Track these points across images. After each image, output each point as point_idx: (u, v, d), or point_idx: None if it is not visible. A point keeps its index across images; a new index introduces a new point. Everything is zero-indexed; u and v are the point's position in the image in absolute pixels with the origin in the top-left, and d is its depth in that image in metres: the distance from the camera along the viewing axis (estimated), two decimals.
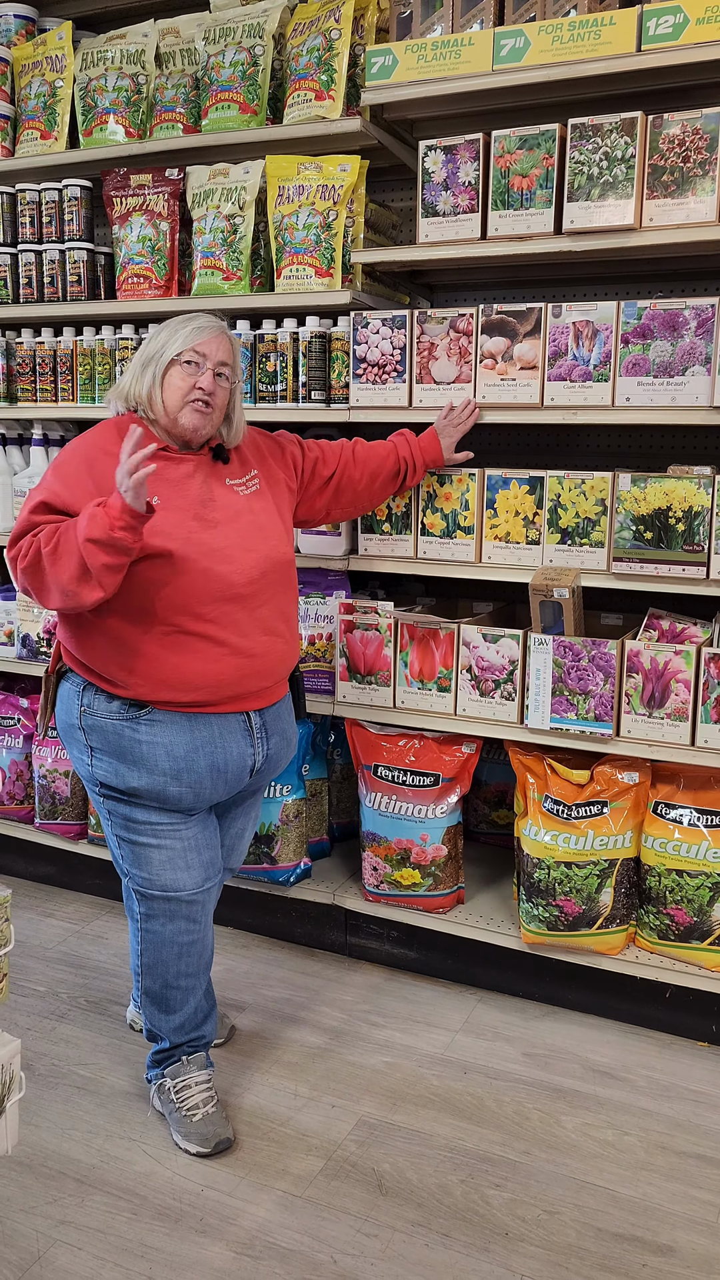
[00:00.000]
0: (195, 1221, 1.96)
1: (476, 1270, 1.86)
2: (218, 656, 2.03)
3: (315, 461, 2.39)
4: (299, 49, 2.71)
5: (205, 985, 2.24)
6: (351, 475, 2.44)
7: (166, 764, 2.04)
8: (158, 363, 2.08)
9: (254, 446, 2.28)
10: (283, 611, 2.17)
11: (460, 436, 2.53)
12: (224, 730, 2.09)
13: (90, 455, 2.05)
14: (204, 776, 2.07)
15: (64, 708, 2.15)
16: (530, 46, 2.37)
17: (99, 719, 2.07)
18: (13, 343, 3.21)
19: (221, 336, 2.11)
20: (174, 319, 2.14)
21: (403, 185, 3.05)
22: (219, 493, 2.11)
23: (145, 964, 2.19)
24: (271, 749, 2.19)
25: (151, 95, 3.00)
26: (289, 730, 2.26)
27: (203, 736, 2.06)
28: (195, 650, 2.02)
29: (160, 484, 2.03)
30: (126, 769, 2.06)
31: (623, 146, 2.29)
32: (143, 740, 2.04)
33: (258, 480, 2.21)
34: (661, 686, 2.38)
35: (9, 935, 1.54)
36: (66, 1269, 1.85)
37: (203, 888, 2.15)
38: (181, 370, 2.07)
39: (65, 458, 2.08)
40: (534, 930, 2.54)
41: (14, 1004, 2.67)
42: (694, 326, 2.28)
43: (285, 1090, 2.34)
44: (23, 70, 3.19)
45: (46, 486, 2.03)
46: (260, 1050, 2.49)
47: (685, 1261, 1.88)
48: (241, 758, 2.12)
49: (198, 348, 2.07)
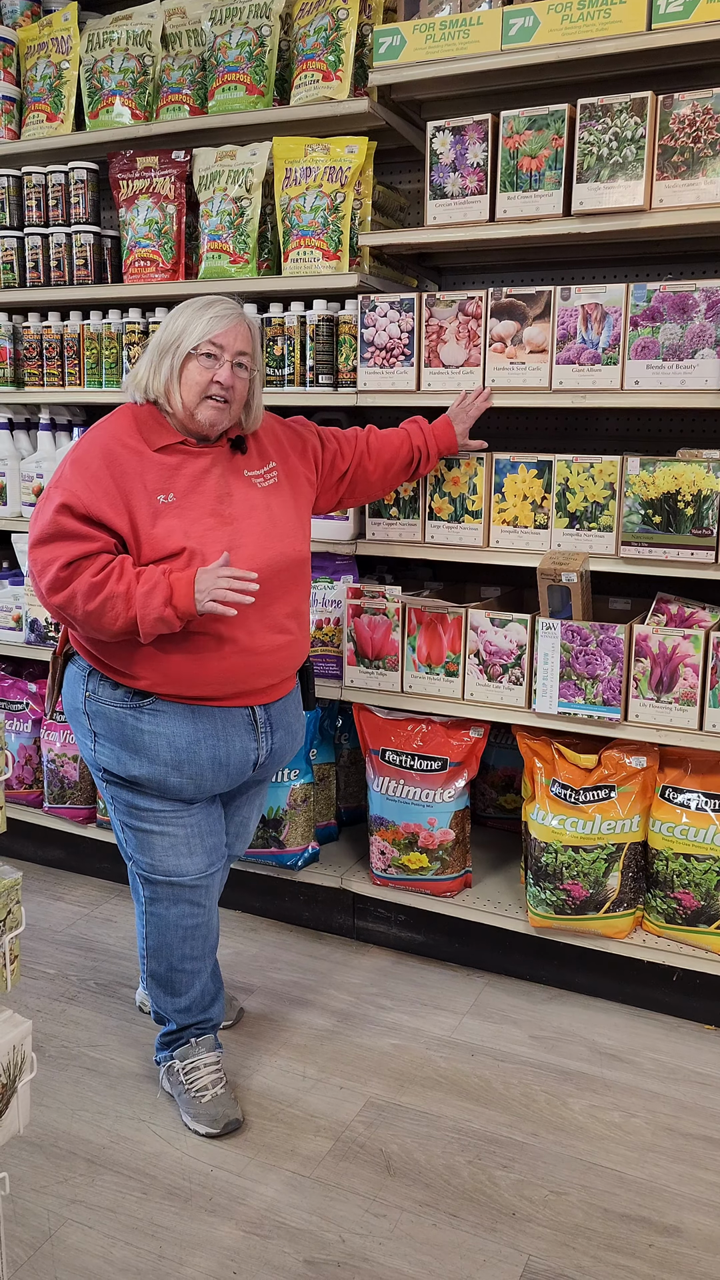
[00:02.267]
0: (205, 1201, 1.98)
1: (483, 1250, 1.87)
2: (225, 654, 2.02)
3: (334, 455, 2.36)
4: (306, 29, 2.69)
5: (211, 968, 2.25)
6: (366, 468, 2.40)
7: (168, 754, 2.04)
8: (174, 355, 2.02)
9: (273, 437, 2.23)
10: (295, 609, 2.15)
11: (473, 423, 2.52)
12: (227, 723, 2.07)
13: (109, 451, 1.99)
14: (205, 768, 2.06)
15: (70, 691, 2.15)
16: (539, 26, 2.34)
17: (103, 705, 2.07)
18: (19, 327, 3.20)
19: (240, 324, 2.05)
20: (190, 302, 2.07)
21: (411, 167, 3.03)
22: (236, 486, 2.07)
23: (150, 947, 2.20)
24: (276, 743, 2.18)
25: (158, 77, 2.98)
26: (295, 724, 2.25)
27: (205, 729, 2.05)
28: (202, 647, 2.00)
29: (178, 478, 2.01)
30: (129, 757, 2.06)
31: (633, 127, 2.27)
32: (145, 730, 2.04)
33: (276, 473, 2.16)
34: (670, 671, 2.37)
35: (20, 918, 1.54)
36: (77, 1247, 1.86)
37: (206, 873, 2.15)
38: (199, 364, 2.01)
39: (83, 451, 2.01)
40: (541, 914, 2.55)
41: (25, 986, 2.69)
42: (704, 309, 2.26)
43: (294, 1072, 2.36)
44: (29, 52, 3.17)
45: (67, 486, 1.96)
46: (269, 1032, 2.50)
47: (691, 1242, 1.89)
48: (244, 752, 2.11)
49: (216, 339, 2.01)
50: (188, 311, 2.05)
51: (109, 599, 1.89)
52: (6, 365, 3.21)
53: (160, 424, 2.06)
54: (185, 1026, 2.24)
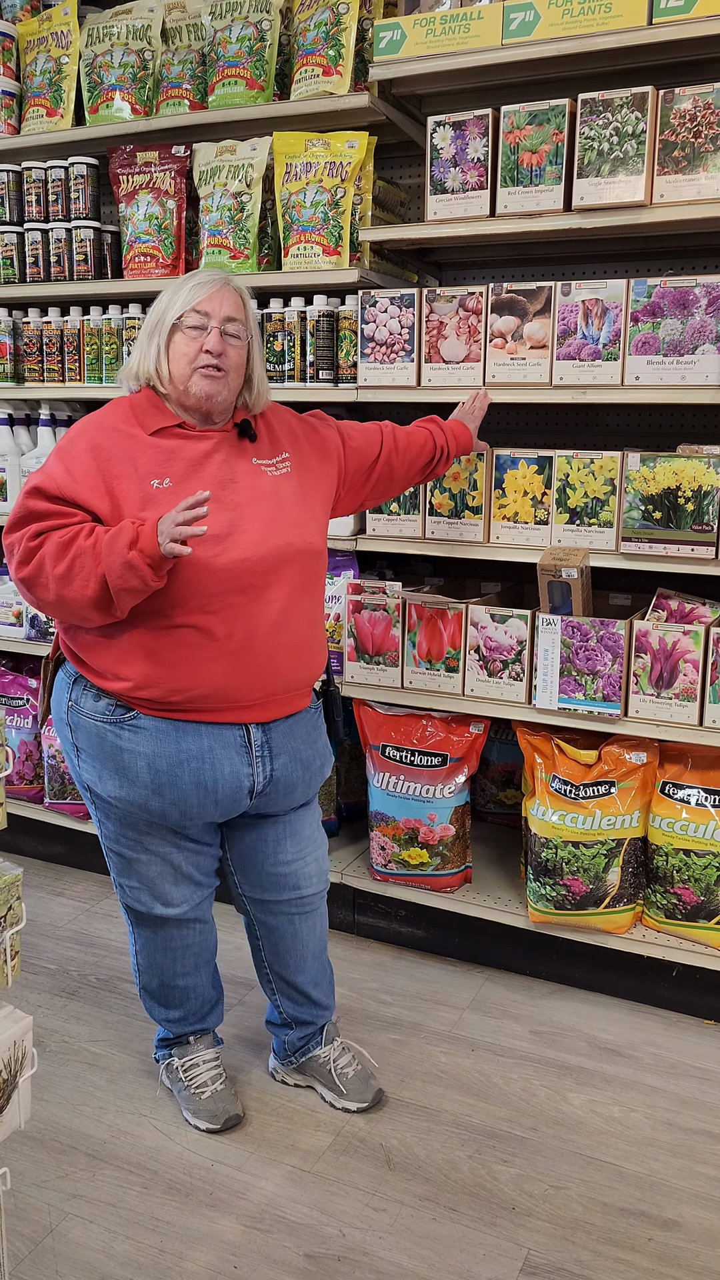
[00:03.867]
0: (205, 1195, 1.98)
1: (483, 1244, 1.88)
2: (215, 653, 1.84)
3: (357, 452, 2.19)
4: (306, 23, 2.68)
5: (209, 977, 2.19)
6: (392, 465, 2.26)
7: (147, 776, 1.88)
8: (160, 331, 1.91)
9: (288, 429, 2.08)
10: (303, 609, 1.94)
11: (479, 423, 2.49)
12: (215, 744, 1.89)
13: (94, 435, 1.87)
14: (188, 793, 1.89)
15: (57, 698, 2.01)
16: (540, 20, 2.34)
17: (84, 718, 1.93)
18: (19, 322, 3.20)
19: (225, 289, 1.92)
20: (173, 280, 1.98)
21: (411, 162, 3.02)
22: (242, 473, 1.91)
23: (141, 964, 2.14)
24: (277, 770, 1.96)
25: (158, 71, 2.98)
26: (305, 751, 2.01)
27: (190, 750, 1.88)
28: (189, 644, 1.83)
29: (175, 462, 1.86)
30: (109, 776, 1.92)
31: (633, 122, 2.26)
32: (125, 748, 1.88)
33: (289, 463, 2.00)
34: (670, 666, 2.37)
35: (20, 914, 1.55)
36: (78, 1241, 1.87)
37: (192, 907, 2.07)
38: (185, 334, 1.89)
39: (69, 439, 1.90)
40: (541, 909, 2.55)
41: (25, 981, 2.69)
42: (704, 304, 2.26)
43: None
44: (28, 46, 3.16)
45: (46, 470, 1.85)
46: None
47: (690, 1236, 1.90)
48: (235, 777, 1.91)
49: (199, 306, 1.88)
50: (171, 287, 1.95)
51: (77, 556, 1.74)
52: (6, 361, 3.21)
53: (157, 407, 1.93)
54: (181, 1034, 2.22)
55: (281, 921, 2.15)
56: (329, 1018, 2.27)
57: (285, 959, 2.17)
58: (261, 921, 2.16)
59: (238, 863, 2.13)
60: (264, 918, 2.15)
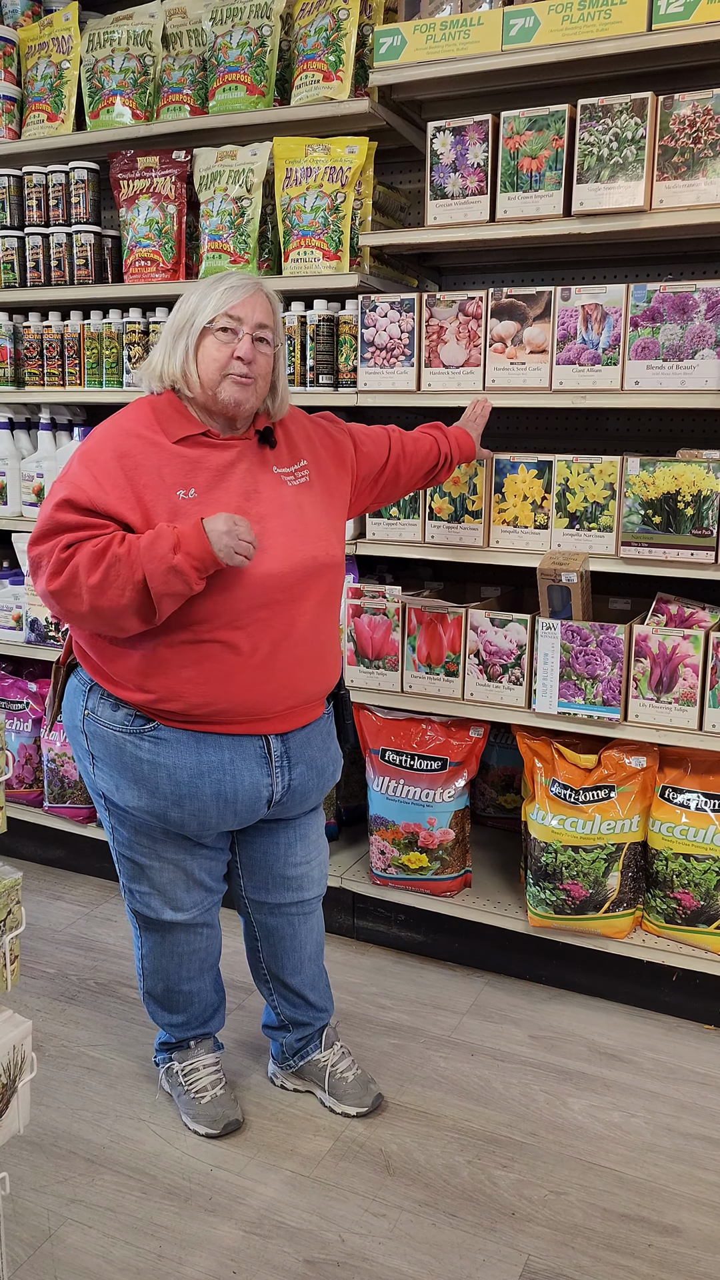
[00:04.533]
0: (204, 1201, 1.98)
1: (483, 1249, 1.87)
2: (240, 668, 1.83)
3: (367, 457, 2.17)
4: (307, 29, 2.69)
5: (213, 981, 2.19)
6: (399, 470, 2.24)
7: (168, 788, 1.88)
8: (189, 333, 1.85)
9: (304, 434, 2.04)
10: (324, 623, 1.95)
11: (481, 430, 2.48)
12: (236, 755, 1.89)
13: (121, 443, 1.83)
14: (208, 804, 1.89)
15: (70, 705, 1.99)
16: (540, 26, 2.35)
17: (101, 728, 1.91)
18: (20, 326, 3.21)
19: (258, 295, 1.87)
20: (203, 280, 1.91)
21: (411, 167, 3.03)
22: (265, 483, 1.89)
23: (146, 969, 2.14)
24: (295, 779, 1.97)
25: (158, 77, 2.98)
26: (320, 759, 2.02)
27: (211, 761, 1.87)
28: (214, 659, 1.82)
29: (200, 472, 1.83)
30: (127, 785, 1.91)
31: (633, 127, 2.27)
32: (145, 759, 1.88)
33: (308, 472, 1.97)
34: (669, 671, 2.38)
35: (20, 918, 1.55)
36: (77, 1247, 1.86)
37: (202, 912, 2.07)
38: (216, 339, 1.83)
39: (93, 446, 1.84)
40: (541, 914, 2.55)
41: (25, 986, 2.69)
42: (704, 309, 2.26)
43: None
44: (29, 52, 3.17)
45: (72, 480, 1.80)
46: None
47: (690, 1242, 1.89)
48: (255, 788, 1.91)
49: (232, 311, 1.83)
50: (200, 287, 1.88)
51: (112, 564, 1.70)
52: (7, 365, 3.21)
53: (181, 413, 1.88)
54: (183, 1039, 2.22)
55: (282, 923, 2.15)
56: (326, 1020, 2.27)
57: (283, 960, 2.18)
58: (262, 923, 2.16)
59: (246, 865, 2.13)
60: (265, 919, 2.15)
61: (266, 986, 2.22)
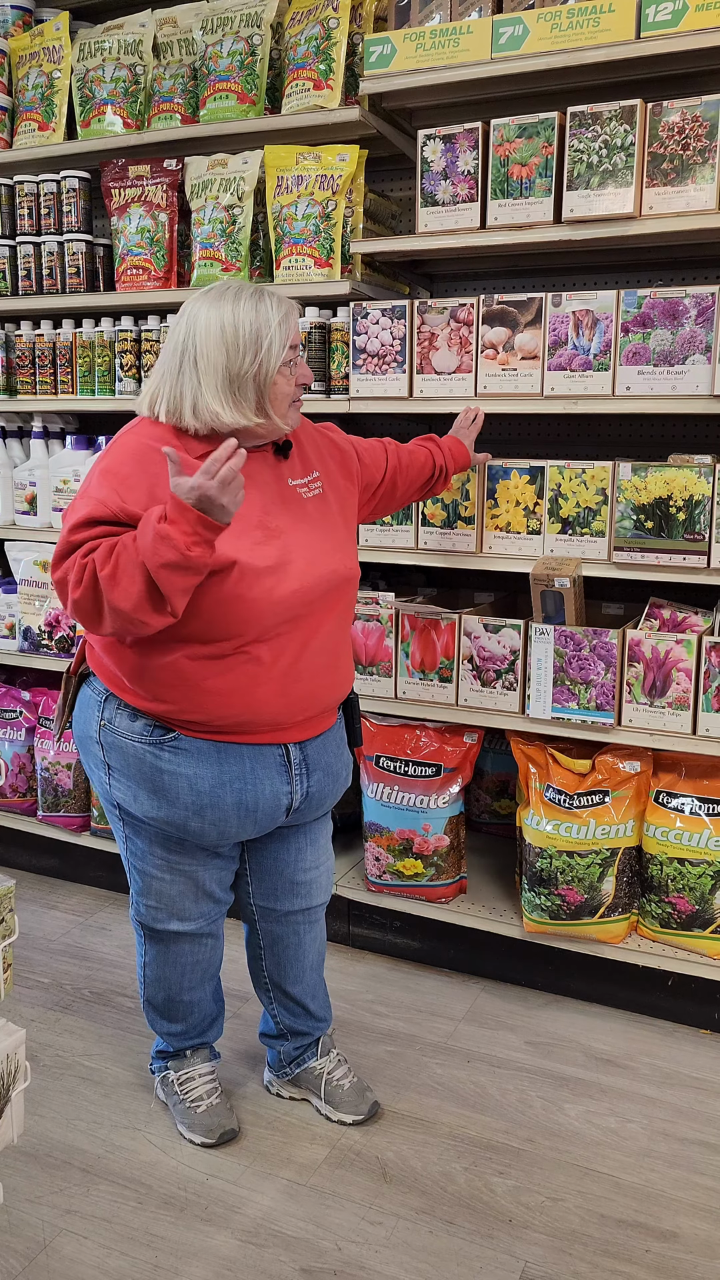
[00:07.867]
0: (200, 1210, 1.97)
1: (480, 1257, 1.87)
2: (262, 680, 1.82)
3: (369, 469, 2.18)
4: (297, 38, 2.70)
5: (213, 990, 2.19)
6: (396, 483, 2.24)
7: (189, 798, 1.87)
8: (261, 382, 1.78)
9: (314, 444, 2.03)
10: (341, 633, 1.96)
11: (474, 439, 2.49)
12: (257, 765, 1.89)
13: (142, 453, 1.78)
14: (229, 814, 1.89)
15: (82, 715, 1.97)
16: (529, 34, 2.36)
17: (119, 738, 1.89)
18: (12, 335, 3.21)
19: (294, 311, 1.86)
20: (236, 315, 1.78)
21: (402, 175, 3.04)
22: (282, 497, 1.88)
23: (149, 978, 2.14)
24: (313, 786, 1.97)
25: (149, 86, 2.99)
26: (335, 764, 2.03)
27: (232, 771, 1.87)
28: (237, 671, 1.81)
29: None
30: (146, 796, 1.89)
31: (622, 134, 2.28)
32: (165, 769, 1.86)
33: (320, 484, 1.97)
34: (663, 676, 2.38)
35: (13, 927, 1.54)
36: (73, 1258, 1.85)
37: (201, 929, 2.07)
38: (283, 375, 1.81)
39: (113, 460, 1.79)
40: (536, 919, 2.55)
41: (18, 995, 2.68)
42: (694, 315, 2.27)
43: None
44: (20, 61, 3.18)
45: (92, 496, 1.74)
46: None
47: (688, 1247, 1.89)
48: (275, 796, 1.91)
49: (294, 341, 1.82)
50: (246, 327, 1.77)
51: (120, 553, 1.65)
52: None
53: (186, 436, 1.83)
54: (181, 1048, 2.21)
55: (287, 931, 2.15)
56: (325, 1030, 2.26)
57: (286, 969, 2.17)
58: (267, 930, 2.16)
59: (256, 872, 2.12)
60: (271, 926, 2.15)
61: (267, 995, 2.22)
